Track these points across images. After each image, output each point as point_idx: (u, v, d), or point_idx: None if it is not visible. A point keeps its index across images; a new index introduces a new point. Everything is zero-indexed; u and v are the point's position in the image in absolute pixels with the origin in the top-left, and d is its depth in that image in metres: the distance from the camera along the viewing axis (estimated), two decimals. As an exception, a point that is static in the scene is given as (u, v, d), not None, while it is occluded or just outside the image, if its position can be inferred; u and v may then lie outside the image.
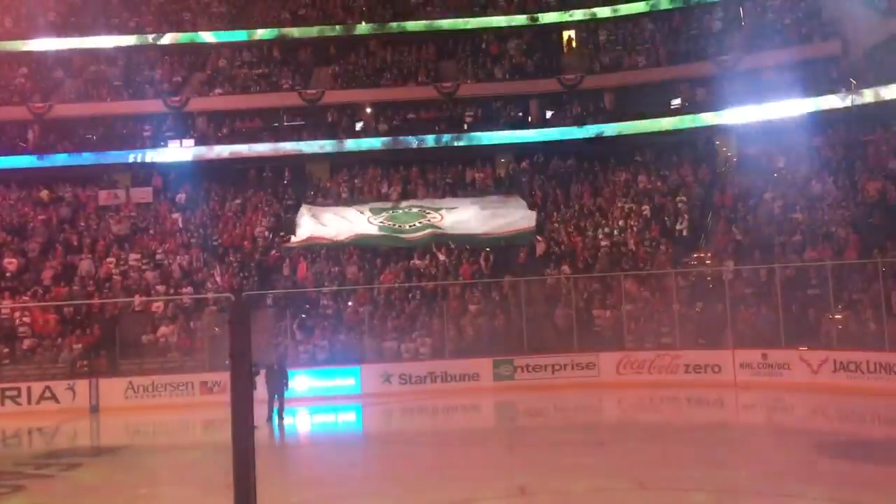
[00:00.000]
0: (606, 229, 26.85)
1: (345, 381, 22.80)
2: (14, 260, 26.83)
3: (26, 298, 25.61)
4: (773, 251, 23.49)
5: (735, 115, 29.88)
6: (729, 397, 20.16)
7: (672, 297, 23.09)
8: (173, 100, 32.97)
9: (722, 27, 32.40)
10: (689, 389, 20.87)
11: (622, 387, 21.62)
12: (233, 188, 31.78)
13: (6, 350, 23.93)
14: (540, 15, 34.37)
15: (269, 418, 18.13)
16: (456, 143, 32.09)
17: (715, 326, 22.18)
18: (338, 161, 32.67)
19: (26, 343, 24.03)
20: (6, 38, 34.90)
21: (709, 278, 24.09)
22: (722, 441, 15.04)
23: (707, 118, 30.47)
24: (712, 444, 14.53)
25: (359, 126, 33.38)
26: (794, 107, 28.59)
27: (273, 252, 27.70)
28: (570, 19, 34.36)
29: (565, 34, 34.73)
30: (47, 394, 22.13)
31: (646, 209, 27.44)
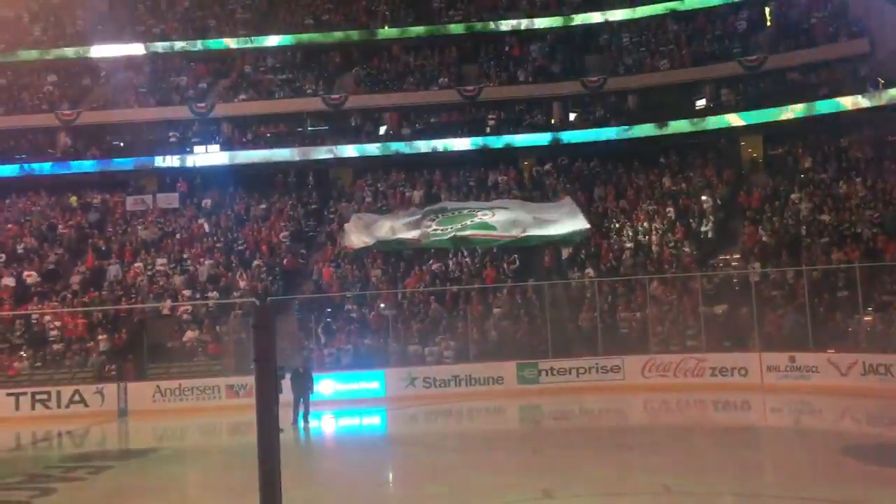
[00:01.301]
0: (631, 231, 26.74)
1: (369, 384, 22.87)
2: (34, 272, 27.05)
3: (56, 303, 25.98)
4: (800, 253, 23.26)
5: (761, 116, 29.62)
6: (756, 400, 19.97)
7: (697, 299, 22.92)
8: (199, 106, 33.32)
9: (747, 27, 32.17)
10: (716, 393, 20.69)
11: (647, 390, 21.49)
12: (257, 193, 32.04)
13: (37, 354, 24.30)
14: (563, 17, 34.33)
15: (295, 421, 18.22)
16: (479, 147, 32.14)
17: (741, 329, 22.00)
18: (361, 165, 32.83)
19: (55, 347, 24.39)
20: (35, 47, 35.49)
21: (735, 280, 23.90)
22: (749, 444, 14.91)
23: (732, 119, 30.24)
24: (739, 447, 14.41)
25: (382, 130, 33.53)
26: (821, 107, 28.29)
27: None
28: (593, 21, 34.28)
29: (588, 36, 34.64)
30: (76, 397, 22.40)
31: (670, 211, 27.27)
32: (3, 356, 24.34)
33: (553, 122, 33.04)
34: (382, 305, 25.17)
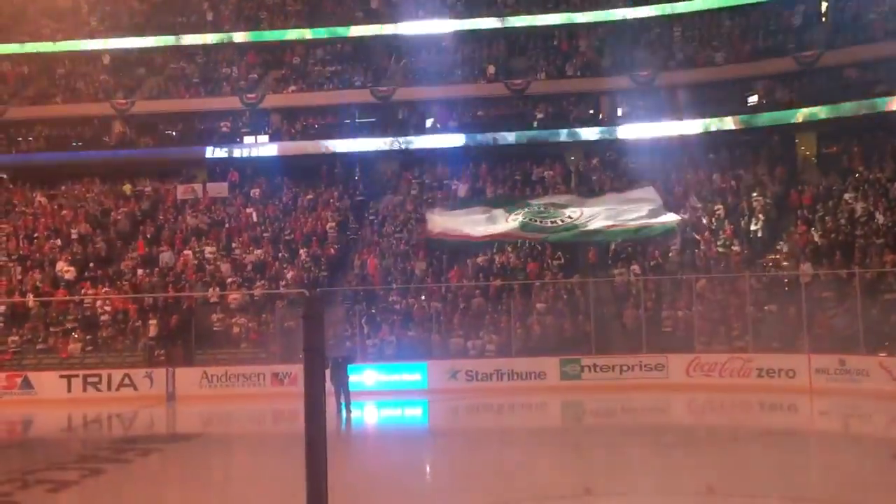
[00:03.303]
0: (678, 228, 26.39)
1: (412, 376, 22.98)
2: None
3: (107, 289, 26.57)
4: (852, 253, 22.76)
5: (815, 113, 29.02)
6: (803, 403, 19.63)
7: (746, 298, 22.57)
8: (249, 96, 33.75)
9: (802, 22, 31.50)
10: (762, 394, 20.38)
11: (692, 389, 21.24)
12: (305, 183, 32.37)
13: (88, 338, 24.91)
14: (612, 11, 34.00)
15: (339, 411, 18.42)
16: (525, 141, 32.02)
17: (790, 330, 21.60)
18: (407, 158, 32.95)
19: (106, 331, 24.97)
20: (92, 36, 36.25)
21: (785, 280, 23.48)
22: (794, 447, 14.69)
23: (786, 116, 29.66)
24: (785, 450, 14.19)
25: (429, 123, 33.59)
26: (877, 104, 27.62)
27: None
28: (643, 15, 33.88)
29: (639, 31, 34.26)
30: (126, 381, 22.91)
31: (719, 209, 26.87)
32: (56, 339, 24.99)
33: (601, 116, 32.78)
34: (423, 297, 25.26)
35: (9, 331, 25.16)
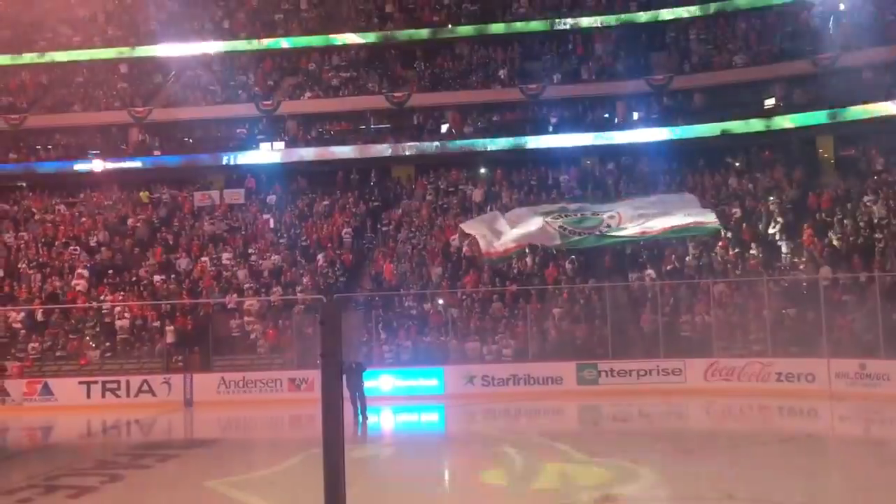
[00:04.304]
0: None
1: (428, 381, 22.99)
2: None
3: (125, 295, 26.73)
4: (872, 256, 22.56)
5: (832, 116, 28.82)
6: (823, 408, 19.46)
7: (763, 302, 22.42)
8: (265, 103, 33.95)
9: (820, 24, 31.31)
10: (781, 398, 20.22)
11: (710, 394, 21.10)
12: (320, 189, 32.48)
13: (107, 344, 25.08)
14: (626, 15, 33.94)
15: (355, 416, 18.42)
16: (541, 145, 31.99)
17: (809, 334, 21.41)
18: (422, 163, 33.00)
19: (124, 338, 25.12)
20: (110, 45, 36.57)
21: (804, 284, 23.31)
22: (815, 452, 14.55)
23: (803, 118, 29.49)
24: (804, 455, 14.06)
25: (444, 128, 33.65)
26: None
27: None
28: (658, 18, 33.81)
29: (654, 34, 34.18)
30: (145, 387, 23.08)
31: (736, 212, 26.73)
32: (75, 346, 25.18)
33: (616, 120, 32.70)
34: (441, 302, 25.27)
35: (29, 338, 25.38)
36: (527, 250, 24.39)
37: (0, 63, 36.54)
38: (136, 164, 33.86)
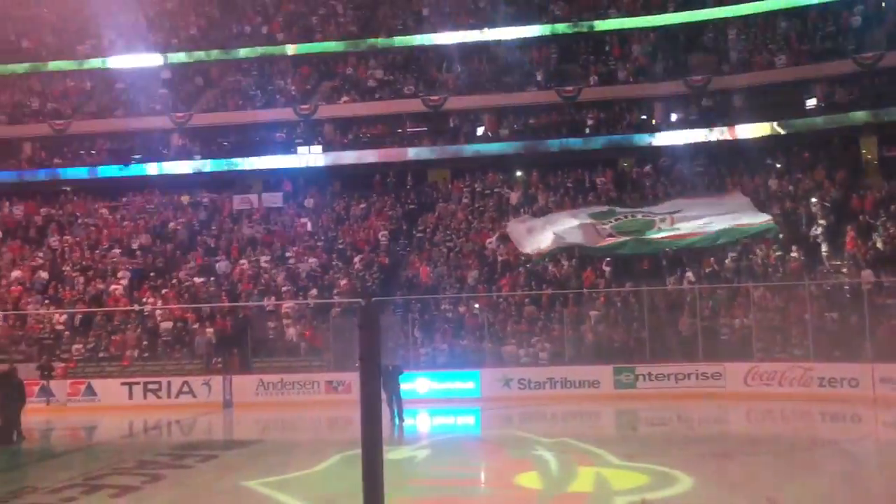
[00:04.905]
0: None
1: (464, 384, 23.00)
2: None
3: (166, 298, 27.14)
4: (917, 259, 22.13)
5: (876, 116, 28.29)
6: (867, 413, 19.09)
7: (805, 306, 22.06)
8: (303, 108, 34.25)
9: (862, 23, 30.77)
10: (823, 404, 19.88)
11: (750, 399, 20.84)
12: (357, 193, 32.68)
13: (145, 343, 25.48)
14: (664, 15, 33.65)
15: (391, 418, 18.50)
16: (577, 147, 31.86)
17: (852, 338, 21.03)
18: (459, 166, 33.04)
19: (165, 334, 25.48)
20: (151, 51, 37.16)
21: (846, 287, 22.89)
22: (859, 458, 14.28)
23: (845, 119, 28.99)
24: (848, 460, 13.83)
25: (480, 131, 33.65)
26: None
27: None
28: (697, 19, 33.47)
29: (692, 35, 33.84)
30: (185, 388, 23.41)
31: (777, 214, 26.34)
32: (118, 347, 25.62)
33: (654, 122, 32.44)
34: (477, 306, 25.27)
35: (73, 339, 25.88)
36: (563, 253, 24.28)
37: (44, 69, 37.31)
38: (177, 168, 34.36)
